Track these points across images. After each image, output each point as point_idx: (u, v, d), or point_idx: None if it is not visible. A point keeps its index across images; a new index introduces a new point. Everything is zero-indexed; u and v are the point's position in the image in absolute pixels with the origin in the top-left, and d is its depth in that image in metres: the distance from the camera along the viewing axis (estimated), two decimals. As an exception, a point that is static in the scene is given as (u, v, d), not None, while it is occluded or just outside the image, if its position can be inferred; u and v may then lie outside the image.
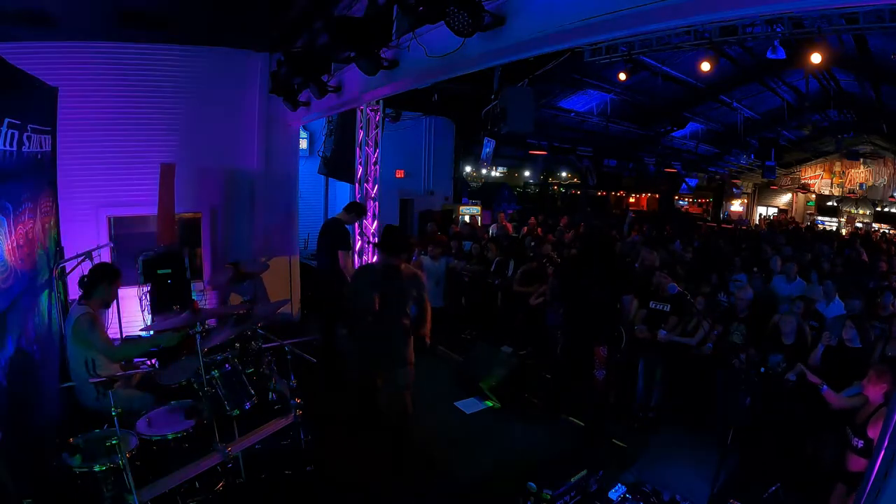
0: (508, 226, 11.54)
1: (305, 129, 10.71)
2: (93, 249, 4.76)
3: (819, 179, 21.03)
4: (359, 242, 8.83)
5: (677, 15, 2.78)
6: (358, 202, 7.85)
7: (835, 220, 20.34)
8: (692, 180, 22.14)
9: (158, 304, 5.41)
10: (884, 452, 1.94)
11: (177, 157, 6.45)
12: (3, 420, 2.71)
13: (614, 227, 12.19)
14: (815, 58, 8.05)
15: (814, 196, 21.35)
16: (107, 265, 4.07)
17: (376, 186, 8.76)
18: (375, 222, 8.81)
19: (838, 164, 20.26)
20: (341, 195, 11.14)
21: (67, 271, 4.73)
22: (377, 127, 8.65)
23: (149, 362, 4.39)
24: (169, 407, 3.40)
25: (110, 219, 6.50)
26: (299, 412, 3.76)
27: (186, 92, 6.69)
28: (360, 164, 8.69)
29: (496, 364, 5.58)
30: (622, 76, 10.49)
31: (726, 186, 22.70)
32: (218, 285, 6.90)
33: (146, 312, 5.47)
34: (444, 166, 13.47)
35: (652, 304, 5.38)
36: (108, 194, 6.36)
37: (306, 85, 6.00)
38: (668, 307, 5.27)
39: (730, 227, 18.01)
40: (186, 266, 5.73)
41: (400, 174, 12.12)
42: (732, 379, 4.49)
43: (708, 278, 6.33)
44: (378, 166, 8.73)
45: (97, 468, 2.74)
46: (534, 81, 7.35)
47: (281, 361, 3.99)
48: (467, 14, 3.31)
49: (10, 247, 3.09)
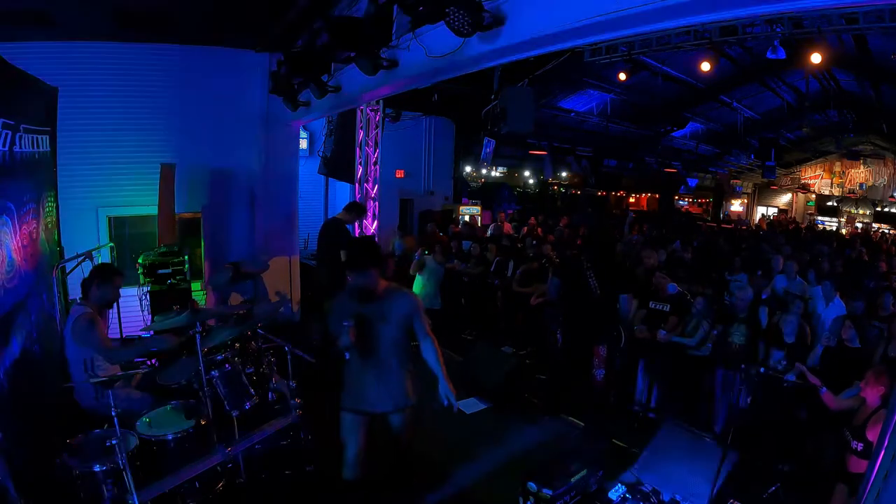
0: (507, 226, 11.54)
1: (305, 129, 10.70)
2: (93, 249, 4.75)
3: (819, 179, 21.03)
4: (359, 242, 8.83)
5: (677, 15, 2.78)
6: (358, 202, 7.87)
7: (835, 220, 20.33)
8: (692, 180, 22.13)
9: (158, 304, 5.42)
10: (883, 453, 1.94)
11: (177, 157, 6.45)
12: (3, 420, 2.71)
13: (614, 227, 12.19)
14: (815, 58, 8.05)
15: (814, 196, 21.33)
16: (108, 265, 4.07)
17: (376, 186, 8.77)
18: (375, 222, 8.82)
19: (838, 164, 20.25)
20: (341, 195, 11.14)
21: (67, 271, 4.73)
22: (377, 127, 8.66)
23: (149, 362, 4.39)
24: (169, 407, 3.40)
25: (110, 219, 6.50)
26: (299, 412, 3.76)
27: (186, 92, 6.69)
28: (360, 164, 8.70)
29: (496, 364, 5.58)
30: (622, 76, 10.50)
31: (725, 186, 22.69)
32: (218, 285, 6.90)
33: (146, 312, 5.47)
34: (444, 166, 13.46)
35: (652, 304, 5.39)
36: (108, 194, 6.36)
37: (306, 85, 6.00)
38: (667, 307, 5.28)
39: (730, 226, 18.01)
40: (186, 266, 5.73)
41: (400, 174, 12.11)
42: (732, 379, 4.49)
43: (708, 278, 6.33)
44: (378, 166, 8.75)
45: (97, 468, 2.75)
46: (534, 81, 7.33)
47: (281, 361, 3.98)
48: (467, 14, 3.31)
49: (16, 246, 3.10)
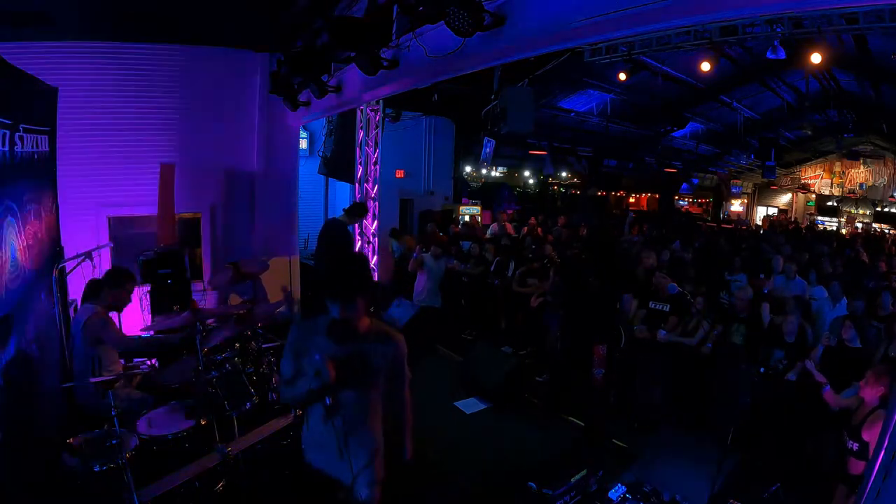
0: (508, 226, 11.54)
1: (305, 129, 10.70)
2: (93, 249, 4.75)
3: (819, 179, 21.02)
4: (359, 242, 8.84)
5: (677, 15, 2.78)
6: (360, 203, 7.86)
7: (835, 220, 20.32)
8: (692, 180, 22.13)
9: (158, 304, 5.42)
10: (883, 454, 1.93)
11: (177, 157, 6.45)
12: (3, 420, 2.71)
13: (614, 227, 12.19)
14: (815, 58, 8.05)
15: (814, 196, 21.32)
16: (123, 269, 4.09)
17: (376, 186, 8.76)
18: (376, 222, 8.82)
19: (838, 164, 20.24)
20: (341, 195, 11.14)
21: (67, 271, 4.73)
22: (377, 127, 8.65)
23: (149, 362, 4.39)
24: (169, 407, 3.41)
25: (110, 219, 6.49)
26: (299, 412, 3.76)
27: (186, 92, 6.68)
28: (360, 164, 8.70)
29: (496, 364, 5.59)
30: (622, 76, 10.49)
31: (724, 186, 22.69)
32: (218, 285, 6.90)
33: (146, 312, 5.47)
34: (444, 166, 13.46)
35: (652, 304, 5.39)
36: (108, 194, 6.34)
37: (306, 85, 6.00)
38: (667, 307, 5.28)
39: (730, 226, 18.00)
40: (186, 266, 5.73)
41: (400, 174, 12.11)
42: (732, 379, 4.49)
43: (708, 278, 6.33)
44: (378, 166, 8.74)
45: (97, 468, 2.75)
46: (534, 81, 7.34)
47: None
48: (467, 14, 3.31)
49: (20, 246, 3.10)
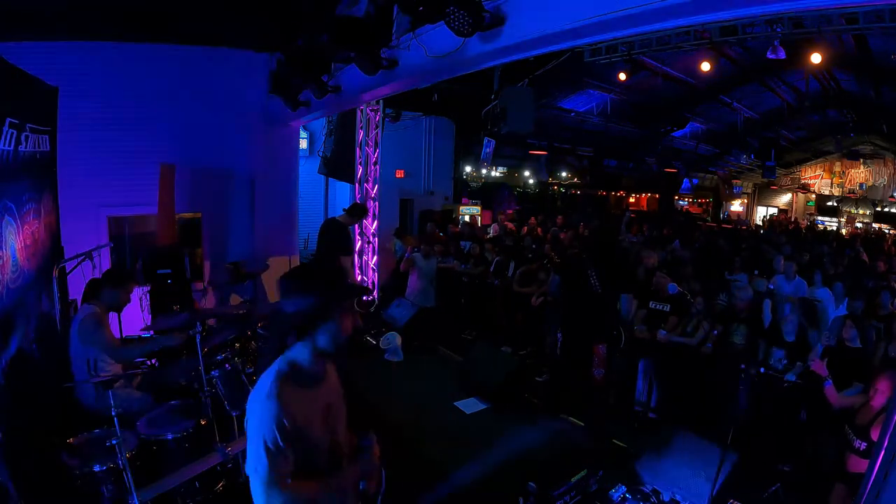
0: (510, 225, 11.54)
1: (305, 129, 10.70)
2: (93, 249, 4.74)
3: (819, 179, 21.02)
4: (359, 243, 8.84)
5: (677, 15, 2.78)
6: (360, 203, 7.86)
7: (835, 220, 20.33)
8: (693, 180, 22.14)
9: (158, 304, 5.42)
10: (883, 453, 1.93)
11: (177, 157, 6.45)
12: (3, 420, 2.71)
13: (614, 227, 12.18)
14: (815, 58, 8.06)
15: (814, 196, 21.33)
16: (123, 269, 4.09)
17: (376, 186, 8.76)
18: (376, 222, 8.82)
19: (838, 164, 20.25)
20: (341, 195, 11.14)
21: (67, 271, 4.73)
22: (377, 127, 8.66)
23: (149, 362, 4.39)
24: (169, 407, 3.40)
25: (110, 219, 6.49)
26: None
27: (186, 92, 6.69)
28: (360, 164, 8.70)
29: (496, 364, 5.58)
30: (622, 76, 10.48)
31: (724, 186, 22.69)
32: (218, 285, 6.91)
33: (146, 312, 5.47)
34: (444, 166, 13.46)
35: (652, 304, 5.39)
36: (108, 194, 6.34)
37: (306, 85, 6.00)
38: (667, 307, 5.28)
39: (729, 226, 18.00)
40: (186, 266, 5.73)
41: (400, 174, 12.11)
42: (732, 379, 4.49)
43: (708, 278, 6.33)
44: (378, 166, 8.74)
45: (97, 468, 2.75)
46: (534, 81, 7.32)
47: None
48: (467, 14, 3.31)
49: (19, 246, 3.10)
